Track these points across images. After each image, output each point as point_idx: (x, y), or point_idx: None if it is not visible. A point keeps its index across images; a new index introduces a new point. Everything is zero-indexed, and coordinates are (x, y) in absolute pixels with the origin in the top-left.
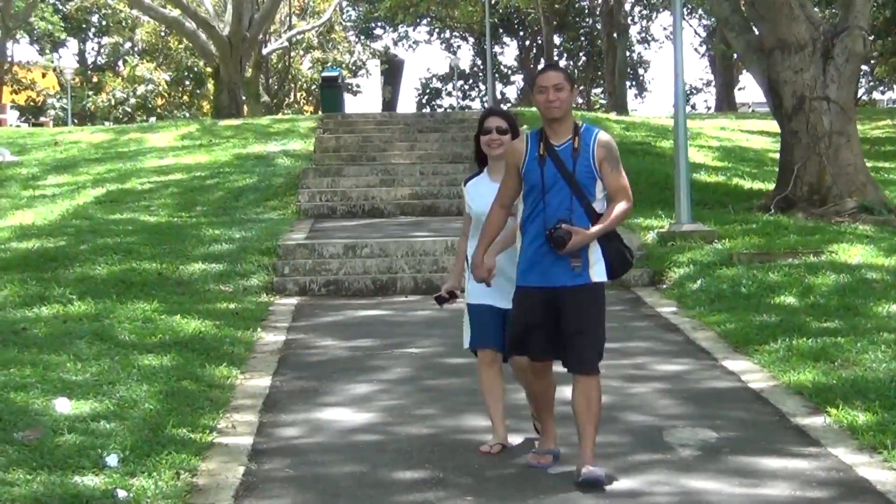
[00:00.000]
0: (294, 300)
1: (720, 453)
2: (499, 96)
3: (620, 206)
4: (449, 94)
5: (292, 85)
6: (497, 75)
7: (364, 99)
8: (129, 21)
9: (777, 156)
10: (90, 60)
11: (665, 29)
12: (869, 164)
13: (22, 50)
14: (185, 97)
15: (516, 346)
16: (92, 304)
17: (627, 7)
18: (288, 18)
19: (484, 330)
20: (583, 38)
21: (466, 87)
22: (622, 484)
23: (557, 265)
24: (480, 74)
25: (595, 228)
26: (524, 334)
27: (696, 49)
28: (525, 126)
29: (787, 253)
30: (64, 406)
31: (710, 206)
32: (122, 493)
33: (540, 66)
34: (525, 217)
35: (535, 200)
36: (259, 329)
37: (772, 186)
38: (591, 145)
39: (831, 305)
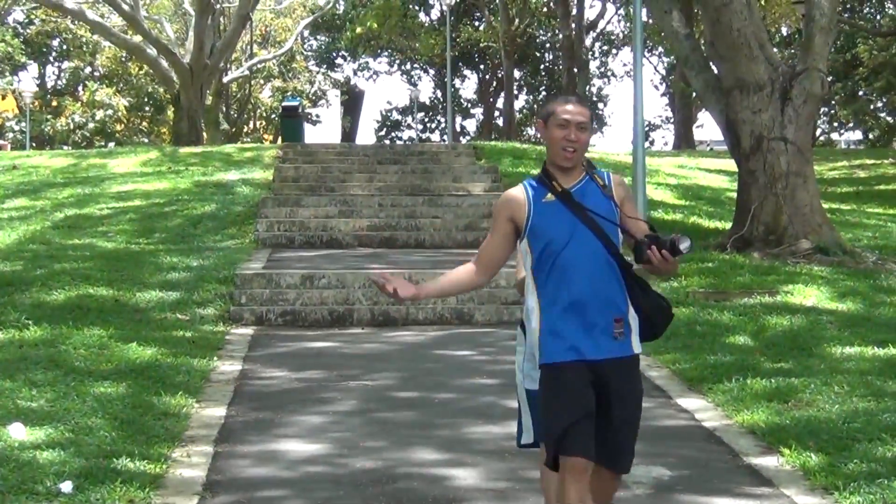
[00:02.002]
0: (250, 330)
1: (673, 492)
2: (458, 129)
3: None
4: (409, 126)
5: (252, 113)
6: (457, 108)
7: (324, 129)
8: (90, 46)
9: (734, 195)
10: (50, 84)
11: (625, 65)
12: (825, 206)
13: None
14: (145, 123)
15: (566, 443)
16: (48, 329)
17: (588, 42)
18: (249, 47)
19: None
20: (543, 73)
21: (426, 119)
22: None
23: (597, 332)
24: (440, 107)
25: None
26: (577, 426)
27: (655, 86)
28: (483, 161)
29: (742, 292)
30: (18, 432)
31: None
32: None
33: (505, 102)
34: (543, 279)
35: (550, 258)
36: (215, 358)
37: (728, 225)
38: (610, 185)
39: (785, 346)
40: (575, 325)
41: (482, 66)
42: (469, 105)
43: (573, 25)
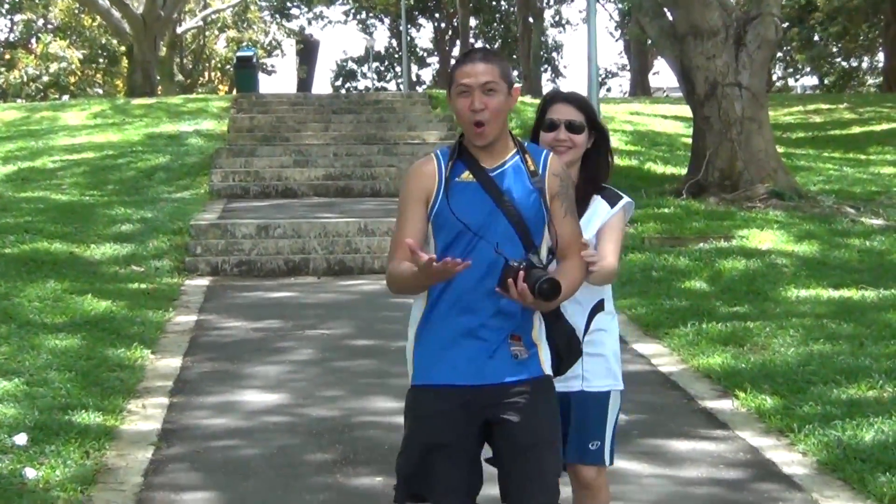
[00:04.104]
0: (206, 280)
1: (629, 436)
2: (414, 79)
3: (577, 270)
4: (364, 75)
5: (207, 64)
6: (412, 57)
7: (279, 79)
8: None
9: (690, 141)
10: (2, 37)
11: (580, 12)
12: (780, 150)
13: None
14: (99, 75)
15: (411, 483)
16: (1, 283)
17: None
18: None
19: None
20: (498, 21)
21: (382, 68)
22: None
23: (487, 354)
24: (396, 56)
25: (565, 286)
26: (424, 463)
27: (610, 33)
28: (438, 109)
29: (697, 238)
30: None
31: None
32: (30, 473)
33: (460, 51)
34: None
35: (460, 255)
36: (170, 309)
37: (684, 171)
38: (543, 173)
39: (741, 290)
40: (459, 337)
41: (438, 15)
42: (425, 54)
43: None
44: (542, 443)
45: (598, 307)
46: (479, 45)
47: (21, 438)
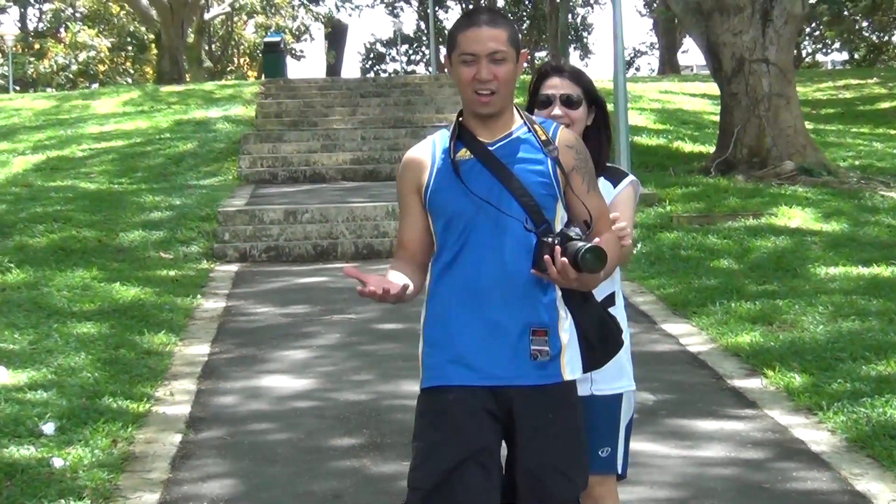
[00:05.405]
0: (234, 266)
1: (657, 416)
2: (442, 61)
3: (612, 245)
4: (393, 58)
5: (235, 50)
6: (440, 39)
7: (308, 64)
8: None
9: (718, 118)
10: (32, 27)
11: None
12: (810, 127)
13: None
14: (128, 63)
15: (437, 496)
16: (30, 272)
17: None
18: None
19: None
20: (526, 1)
21: (410, 51)
22: None
23: (504, 350)
24: (424, 39)
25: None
26: (450, 475)
27: (639, 11)
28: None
29: (726, 215)
30: (1, 375)
31: (651, 169)
32: (58, 462)
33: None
34: (442, 267)
35: (457, 239)
36: (198, 296)
37: (712, 149)
38: (554, 141)
39: (770, 268)
40: (471, 331)
41: None
42: None
43: None
44: (546, 468)
45: (609, 301)
46: None
47: (49, 427)
